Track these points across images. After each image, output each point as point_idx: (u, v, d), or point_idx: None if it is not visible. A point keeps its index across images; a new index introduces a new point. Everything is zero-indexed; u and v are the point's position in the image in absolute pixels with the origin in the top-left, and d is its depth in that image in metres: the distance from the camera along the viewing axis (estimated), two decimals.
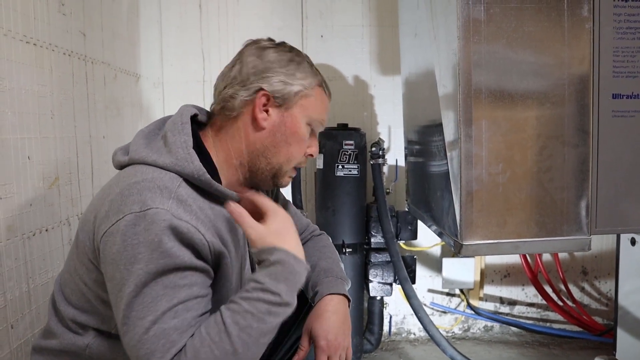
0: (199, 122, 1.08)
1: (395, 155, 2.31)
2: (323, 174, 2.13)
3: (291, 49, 1.07)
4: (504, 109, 1.33)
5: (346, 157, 2.08)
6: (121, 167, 1.02)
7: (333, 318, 1.10)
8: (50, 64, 1.36)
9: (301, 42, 2.30)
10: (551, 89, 1.34)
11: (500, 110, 1.32)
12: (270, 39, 1.08)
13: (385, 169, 2.26)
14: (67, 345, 1.01)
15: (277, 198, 1.31)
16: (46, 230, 1.33)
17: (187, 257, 0.89)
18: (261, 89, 1.01)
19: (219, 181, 1.02)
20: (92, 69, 1.62)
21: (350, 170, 2.09)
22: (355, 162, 2.09)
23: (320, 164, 2.13)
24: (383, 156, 2.15)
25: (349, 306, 1.15)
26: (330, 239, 1.40)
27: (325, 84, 1.11)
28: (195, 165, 0.95)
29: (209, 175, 0.97)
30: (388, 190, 2.18)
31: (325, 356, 1.07)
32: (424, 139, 1.76)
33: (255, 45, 1.06)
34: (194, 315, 0.90)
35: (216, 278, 0.98)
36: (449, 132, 1.40)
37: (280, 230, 0.95)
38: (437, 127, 1.49)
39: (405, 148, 2.15)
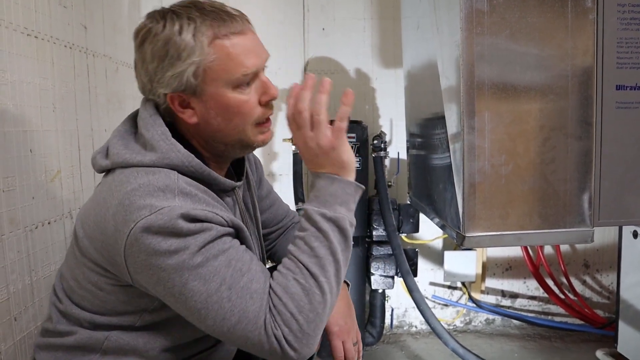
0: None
1: (397, 148, 2.31)
2: None
3: (164, 19, 0.90)
4: (507, 101, 1.32)
5: None
6: (103, 171, 0.98)
7: (339, 304, 1.13)
8: (51, 57, 1.36)
9: (302, 35, 2.29)
10: (554, 80, 1.33)
11: (503, 102, 1.32)
12: (146, 17, 0.93)
13: (387, 161, 2.26)
14: (82, 340, 0.98)
15: (260, 180, 1.29)
16: (48, 223, 1.33)
17: (218, 227, 0.87)
18: (165, 94, 0.92)
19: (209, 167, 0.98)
20: (93, 62, 1.62)
21: None
22: (357, 155, 2.08)
23: None
24: (385, 149, 2.15)
25: (348, 290, 1.19)
26: None
27: (225, 25, 0.91)
28: (182, 153, 0.92)
29: (198, 160, 0.93)
30: (390, 183, 2.18)
31: (340, 341, 1.11)
32: (427, 132, 1.76)
33: (136, 42, 0.93)
34: (257, 262, 0.90)
35: None
36: (452, 125, 1.39)
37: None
38: (440, 120, 1.49)
39: (407, 141, 2.15)
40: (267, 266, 1.50)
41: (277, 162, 2.33)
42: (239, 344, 0.88)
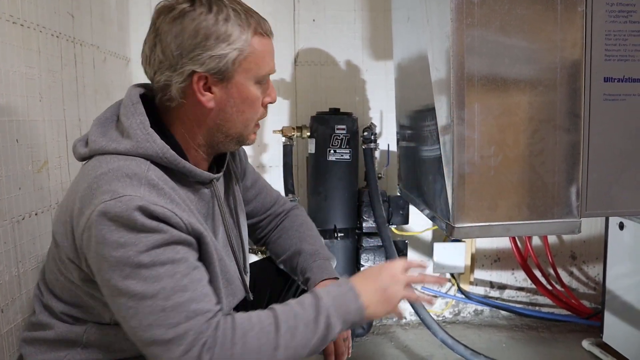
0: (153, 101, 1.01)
1: (387, 140, 2.31)
2: (315, 159, 2.12)
3: (210, 3, 0.92)
4: (496, 92, 1.33)
5: (338, 142, 2.08)
6: (83, 159, 0.98)
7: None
8: (38, 46, 1.34)
9: (293, 26, 2.28)
10: (543, 72, 1.34)
11: (492, 94, 1.33)
12: None
13: (377, 153, 2.26)
14: (62, 334, 0.99)
15: (245, 171, 1.29)
16: (35, 214, 1.32)
17: (174, 231, 0.86)
18: (194, 71, 0.91)
19: (186, 159, 0.97)
20: (80, 52, 1.60)
21: (342, 155, 2.09)
22: (347, 146, 2.08)
23: (312, 149, 2.13)
24: (375, 141, 2.15)
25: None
26: (303, 210, 1.39)
27: (261, 25, 0.96)
28: (157, 144, 0.91)
29: (173, 152, 0.93)
30: (380, 175, 2.18)
31: (342, 338, 1.14)
32: (417, 124, 1.76)
33: (170, 16, 0.91)
34: (203, 283, 0.89)
35: (200, 258, 0.95)
36: (442, 116, 1.40)
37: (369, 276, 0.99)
38: (430, 112, 1.49)
39: (397, 133, 2.15)
40: (256, 259, 1.50)
41: (267, 153, 2.32)
42: (148, 356, 0.86)
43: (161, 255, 0.84)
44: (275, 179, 2.24)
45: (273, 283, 1.38)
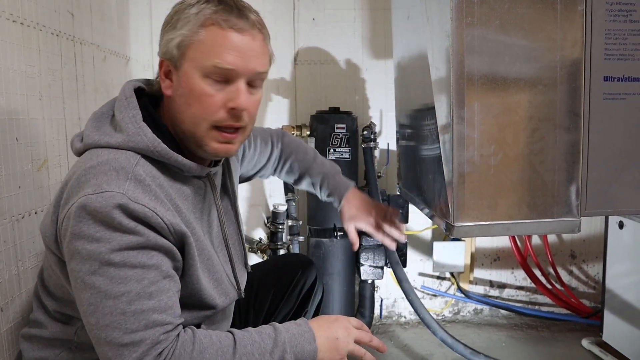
0: (155, 96, 1.02)
1: (387, 139, 2.31)
2: None
3: None
4: (496, 91, 1.33)
5: (338, 141, 2.08)
6: (79, 153, 0.98)
7: (355, 198, 1.39)
8: (38, 44, 1.34)
9: (293, 25, 2.28)
10: (543, 71, 1.34)
11: (492, 93, 1.32)
12: None
13: (376, 152, 2.26)
14: (56, 333, 1.00)
15: (244, 156, 1.31)
16: (35, 212, 1.32)
17: (151, 235, 0.86)
18: (160, 57, 0.97)
19: (182, 153, 0.96)
20: (80, 50, 1.60)
21: (341, 154, 2.09)
22: (347, 145, 2.08)
23: None
24: (375, 140, 2.15)
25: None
26: (287, 133, 1.46)
27: (230, 18, 0.91)
28: (148, 137, 0.91)
29: (165, 145, 0.92)
30: (379, 174, 2.19)
31: (352, 224, 1.36)
32: (416, 123, 1.76)
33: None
34: (170, 294, 0.88)
35: (183, 259, 0.95)
36: (442, 115, 1.40)
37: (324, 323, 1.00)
38: (430, 111, 1.49)
39: (397, 132, 2.15)
40: (256, 258, 1.51)
41: None
42: (99, 355, 0.86)
43: (133, 257, 0.84)
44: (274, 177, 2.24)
45: (277, 284, 1.38)
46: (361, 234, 2.16)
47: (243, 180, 1.39)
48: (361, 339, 1.01)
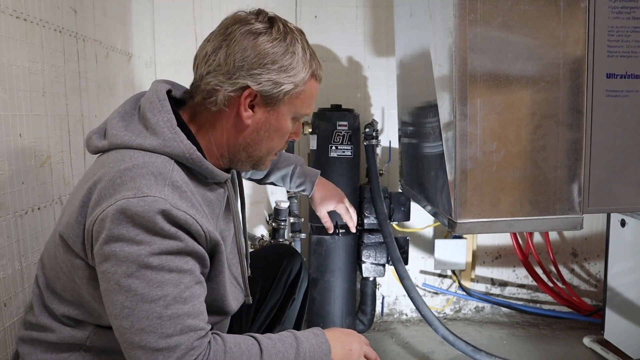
0: (175, 99, 1.02)
1: (389, 136, 2.31)
2: (316, 155, 2.12)
3: (286, 34, 0.97)
4: (499, 88, 1.33)
5: (340, 138, 2.08)
6: (99, 152, 0.97)
7: (323, 183, 1.49)
8: (40, 40, 1.34)
9: (295, 22, 2.27)
10: (546, 68, 1.34)
11: (495, 89, 1.33)
12: (261, 16, 0.97)
13: (378, 150, 2.26)
14: (64, 338, 0.98)
15: None
16: (38, 208, 1.32)
17: (190, 241, 0.86)
18: (248, 86, 0.94)
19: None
20: (83, 47, 1.60)
21: (343, 151, 2.09)
22: (349, 143, 2.09)
23: (313, 145, 2.13)
24: (376, 137, 2.15)
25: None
26: None
27: (318, 70, 1.03)
28: (185, 144, 0.91)
29: (199, 153, 0.93)
30: (381, 172, 2.19)
31: (325, 209, 1.47)
32: (419, 120, 1.76)
33: (246, 28, 0.95)
34: (201, 300, 0.89)
35: (212, 266, 0.96)
36: (444, 112, 1.40)
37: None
38: (432, 108, 1.49)
39: (399, 129, 2.15)
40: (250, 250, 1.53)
41: None
42: (129, 358, 0.85)
43: (171, 262, 0.84)
44: None
45: (264, 275, 1.41)
46: (363, 231, 2.17)
47: None
48: (369, 356, 1.06)
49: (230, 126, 0.99)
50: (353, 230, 1.53)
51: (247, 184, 2.28)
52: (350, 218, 1.49)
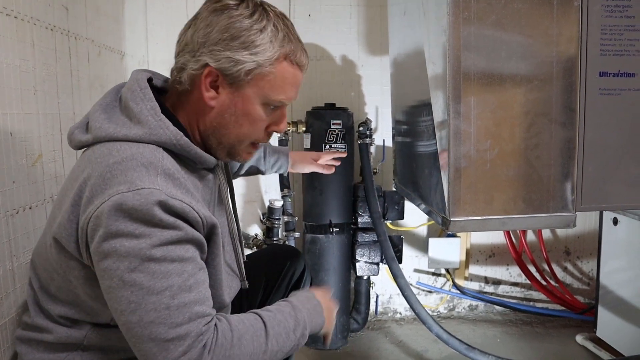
0: (156, 87, 1.00)
1: (383, 135, 2.31)
2: None
3: (255, 11, 0.91)
4: (492, 86, 1.33)
5: (334, 137, 2.08)
6: (82, 146, 0.95)
7: (301, 152, 1.63)
8: (32, 38, 1.33)
9: None
10: (539, 66, 1.34)
11: (489, 88, 1.33)
12: None
13: (372, 149, 2.26)
14: (61, 338, 0.97)
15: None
16: (30, 207, 1.31)
17: (188, 229, 0.85)
18: (207, 64, 0.91)
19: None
20: (75, 45, 1.59)
21: (337, 150, 2.08)
22: (343, 141, 2.08)
23: (307, 144, 2.13)
24: (370, 136, 2.15)
25: None
26: None
27: (297, 55, 0.96)
28: (171, 130, 0.90)
29: (186, 138, 0.91)
30: (375, 170, 2.19)
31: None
32: (412, 119, 1.76)
33: (214, 6, 0.92)
34: (205, 286, 0.89)
35: (208, 249, 0.95)
36: (438, 110, 1.40)
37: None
38: (426, 106, 1.49)
39: (393, 128, 2.15)
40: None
41: None
42: (139, 353, 0.84)
43: (172, 252, 0.83)
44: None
45: (267, 275, 1.39)
46: (357, 229, 2.17)
47: None
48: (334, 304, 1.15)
49: (197, 108, 0.96)
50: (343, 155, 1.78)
51: (240, 181, 2.28)
52: (324, 167, 1.65)
